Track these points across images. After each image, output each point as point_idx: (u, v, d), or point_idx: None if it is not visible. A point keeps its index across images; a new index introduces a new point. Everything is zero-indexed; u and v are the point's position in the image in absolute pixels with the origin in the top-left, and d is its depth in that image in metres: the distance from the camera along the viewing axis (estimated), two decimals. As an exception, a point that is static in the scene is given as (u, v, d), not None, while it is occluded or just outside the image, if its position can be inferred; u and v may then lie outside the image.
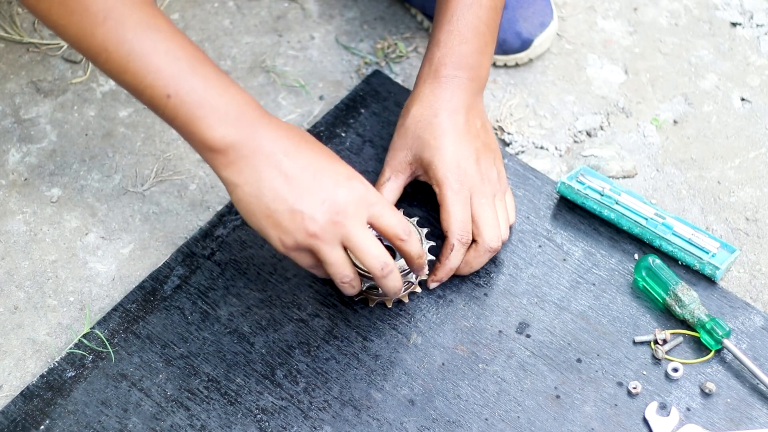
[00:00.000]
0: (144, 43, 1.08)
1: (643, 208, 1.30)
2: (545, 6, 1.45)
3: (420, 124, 1.25)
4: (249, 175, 1.10)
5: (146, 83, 1.09)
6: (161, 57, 1.08)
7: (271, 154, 1.10)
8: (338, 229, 1.11)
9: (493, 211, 1.24)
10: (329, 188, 1.10)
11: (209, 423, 1.18)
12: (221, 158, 1.11)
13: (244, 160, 1.10)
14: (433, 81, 1.27)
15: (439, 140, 1.24)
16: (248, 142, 1.10)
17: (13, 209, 1.36)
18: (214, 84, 1.10)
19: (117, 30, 1.07)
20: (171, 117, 1.10)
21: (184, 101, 1.09)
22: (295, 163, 1.11)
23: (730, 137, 1.41)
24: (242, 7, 1.53)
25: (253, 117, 1.11)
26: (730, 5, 1.52)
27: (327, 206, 1.10)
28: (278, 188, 1.10)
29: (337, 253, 1.12)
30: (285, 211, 1.10)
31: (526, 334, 1.24)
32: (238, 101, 1.11)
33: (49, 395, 1.20)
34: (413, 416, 1.18)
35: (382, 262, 1.13)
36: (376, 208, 1.12)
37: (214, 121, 1.09)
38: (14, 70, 1.47)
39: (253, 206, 1.11)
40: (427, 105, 1.26)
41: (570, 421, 1.18)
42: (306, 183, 1.10)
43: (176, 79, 1.08)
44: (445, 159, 1.23)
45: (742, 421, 1.18)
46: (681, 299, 1.22)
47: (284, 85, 1.46)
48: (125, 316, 1.25)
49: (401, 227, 1.14)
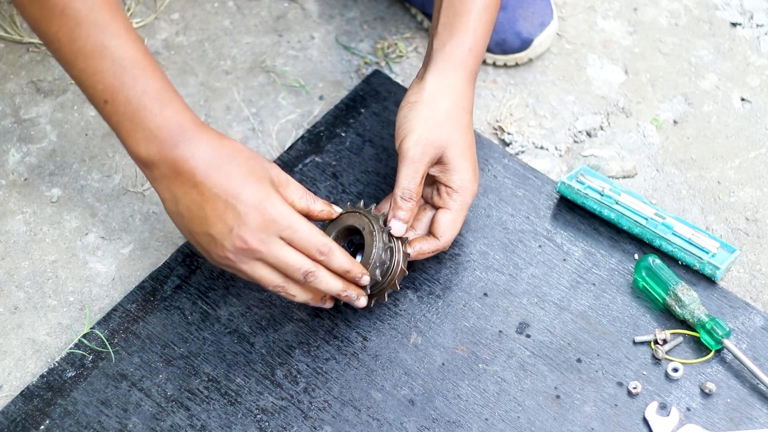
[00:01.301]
0: (95, 44, 1.09)
1: (643, 208, 1.30)
2: (545, 6, 1.45)
3: (445, 122, 1.23)
4: (170, 194, 1.13)
5: (88, 83, 1.11)
6: (107, 62, 1.10)
7: (190, 175, 1.12)
8: (249, 254, 1.13)
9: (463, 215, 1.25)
10: (239, 216, 1.12)
11: (209, 423, 1.18)
12: (147, 172, 1.14)
13: (165, 178, 1.13)
14: (450, 69, 1.25)
15: (466, 147, 1.24)
16: (171, 163, 1.12)
17: (13, 209, 1.36)
18: (152, 99, 1.11)
19: (71, 25, 1.09)
20: (106, 120, 1.13)
21: (118, 111, 1.11)
22: (211, 186, 1.12)
23: (730, 137, 1.41)
24: (242, 7, 1.53)
25: (183, 137, 1.12)
26: (730, 5, 1.52)
27: (235, 234, 1.12)
28: (193, 211, 1.13)
29: (258, 270, 1.14)
30: (199, 233, 1.13)
31: (526, 334, 1.24)
32: (170, 121, 1.12)
33: (49, 395, 1.20)
34: (413, 416, 1.18)
35: (302, 273, 1.14)
36: (286, 233, 1.13)
37: (141, 138, 1.12)
38: (14, 70, 1.47)
39: (176, 220, 1.15)
40: (449, 98, 1.24)
41: (570, 421, 1.18)
42: (219, 208, 1.12)
43: (115, 88, 1.11)
44: (467, 170, 1.23)
45: (742, 421, 1.18)
46: (681, 299, 1.22)
47: (284, 85, 1.46)
48: (125, 316, 1.25)
49: (316, 248, 1.14)
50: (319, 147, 1.38)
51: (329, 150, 1.37)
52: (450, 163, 1.23)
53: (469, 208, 1.27)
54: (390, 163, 1.36)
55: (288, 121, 1.43)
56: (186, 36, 1.50)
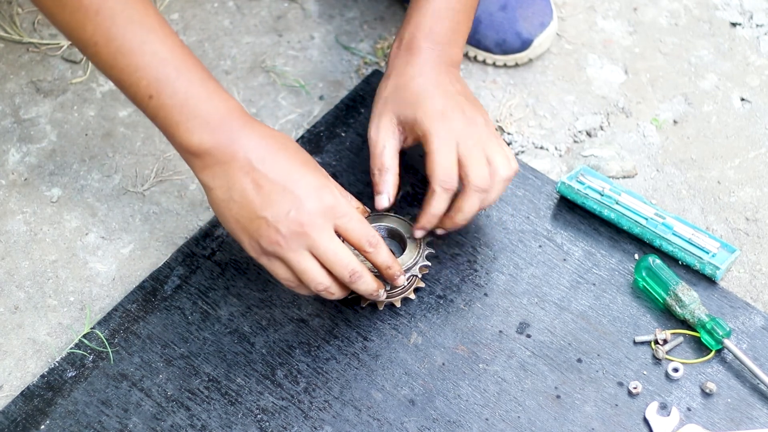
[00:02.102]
0: (133, 41, 1.09)
1: (643, 208, 1.30)
2: (545, 6, 1.45)
3: (398, 90, 1.25)
4: (222, 180, 1.13)
5: (131, 81, 1.11)
6: (147, 57, 1.10)
7: (245, 161, 1.12)
8: (302, 239, 1.12)
9: (480, 152, 1.21)
10: (297, 199, 1.12)
11: (210, 423, 1.18)
12: (198, 161, 1.13)
13: (218, 165, 1.12)
14: (405, 54, 1.27)
15: (419, 96, 1.24)
16: (224, 149, 1.12)
17: (13, 209, 1.35)
18: (197, 89, 1.11)
19: (107, 25, 1.08)
20: (152, 116, 1.13)
21: (165, 104, 1.11)
22: (267, 172, 1.12)
23: (730, 137, 1.41)
24: (242, 7, 1.53)
25: (233, 124, 1.12)
26: (730, 5, 1.52)
27: (292, 216, 1.11)
28: (247, 195, 1.12)
29: (305, 261, 1.14)
30: (251, 217, 1.12)
31: (526, 334, 1.24)
32: (220, 108, 1.12)
33: (49, 395, 1.20)
34: (413, 416, 1.18)
35: (349, 271, 1.14)
36: (343, 220, 1.14)
37: (192, 127, 1.11)
38: (14, 70, 1.47)
39: (224, 210, 1.14)
40: (401, 73, 1.26)
41: (570, 421, 1.18)
42: (275, 192, 1.12)
43: (159, 81, 1.10)
44: (428, 111, 1.22)
45: (742, 421, 1.18)
46: (681, 299, 1.22)
47: (284, 85, 1.46)
48: (125, 316, 1.25)
49: (366, 238, 1.15)
50: (319, 147, 1.38)
51: (329, 150, 1.37)
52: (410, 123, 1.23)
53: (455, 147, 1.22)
54: (390, 163, 1.36)
55: (288, 121, 1.43)
56: (186, 36, 1.50)
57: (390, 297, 1.24)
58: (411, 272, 1.22)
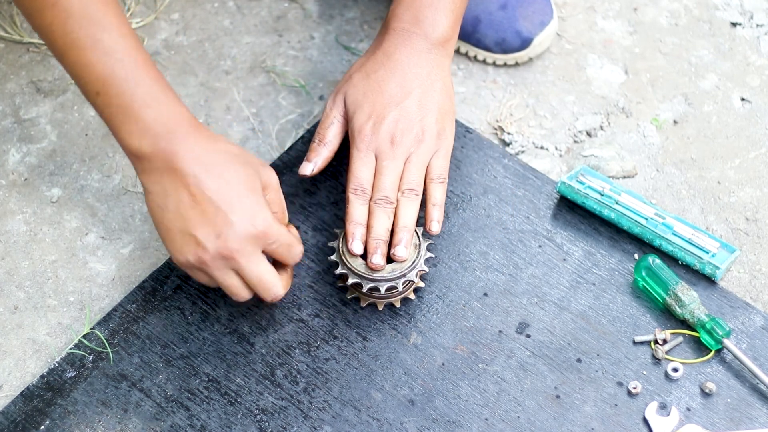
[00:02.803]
0: (86, 37, 1.10)
1: (643, 208, 1.30)
2: (545, 5, 1.45)
3: (359, 75, 1.28)
4: (159, 187, 1.13)
5: (80, 75, 1.12)
6: (98, 54, 1.10)
7: (183, 174, 1.12)
8: (229, 262, 1.14)
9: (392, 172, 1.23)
10: (229, 222, 1.13)
11: (209, 423, 1.18)
12: (137, 164, 1.14)
13: (157, 172, 1.13)
14: (382, 33, 1.29)
15: (364, 96, 1.26)
16: (163, 158, 1.12)
17: (13, 209, 1.36)
18: (143, 93, 1.12)
19: (63, 17, 1.09)
20: (99, 112, 1.14)
21: (110, 103, 1.12)
22: (204, 189, 1.12)
23: (730, 137, 1.41)
24: (242, 7, 1.53)
25: (177, 133, 1.13)
26: (730, 5, 1.52)
27: (222, 240, 1.13)
28: (181, 208, 1.13)
29: (228, 279, 1.16)
30: (182, 232, 1.14)
31: (526, 334, 1.24)
32: (164, 115, 1.12)
33: (49, 395, 1.20)
34: (413, 416, 1.18)
35: (271, 295, 1.17)
36: (272, 246, 1.16)
37: (133, 131, 1.12)
38: (14, 70, 1.47)
39: (157, 215, 1.15)
40: (371, 56, 1.28)
41: (570, 421, 1.18)
42: (209, 211, 1.12)
43: (107, 80, 1.11)
44: (360, 118, 1.25)
45: (742, 421, 1.18)
46: (681, 299, 1.22)
47: (284, 85, 1.46)
48: (125, 316, 1.25)
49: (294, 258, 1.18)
50: (319, 147, 1.38)
51: (329, 150, 1.37)
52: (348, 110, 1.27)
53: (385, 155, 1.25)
54: (390, 163, 1.36)
55: (288, 121, 1.43)
56: (186, 36, 1.50)
57: (389, 297, 1.24)
58: (408, 276, 1.22)
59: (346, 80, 1.29)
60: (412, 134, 1.24)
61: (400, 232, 1.21)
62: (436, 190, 1.24)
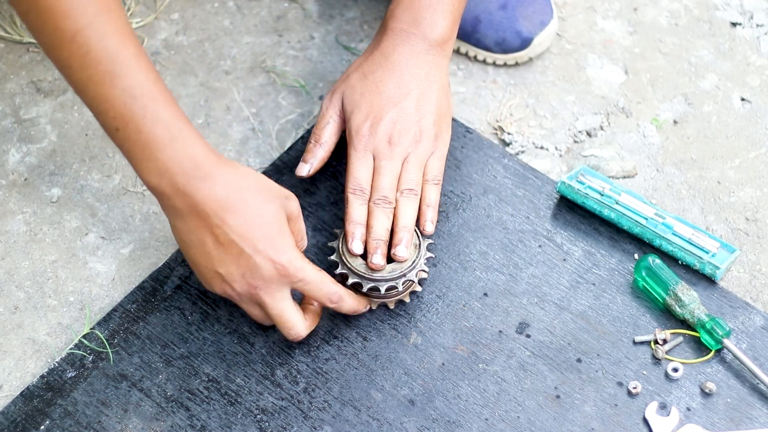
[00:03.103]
0: (105, 73, 1.08)
1: (643, 207, 1.30)
2: (545, 5, 1.45)
3: (357, 75, 1.28)
4: (182, 224, 1.14)
5: (100, 110, 1.10)
6: (118, 91, 1.09)
7: (205, 215, 1.12)
8: (254, 299, 1.16)
9: (390, 172, 1.24)
10: (253, 264, 1.13)
11: (209, 423, 1.18)
12: (158, 198, 1.14)
13: (177, 210, 1.13)
14: (380, 34, 1.30)
15: (361, 96, 1.26)
16: (183, 198, 1.12)
17: (13, 209, 1.36)
18: (163, 131, 1.10)
19: (82, 53, 1.07)
20: (118, 145, 1.13)
21: (129, 138, 1.11)
22: (226, 231, 1.12)
23: (730, 137, 1.41)
24: (242, 7, 1.53)
25: (197, 173, 1.11)
26: (730, 5, 1.52)
27: (246, 279, 1.14)
28: (205, 247, 1.14)
29: (254, 311, 1.18)
30: (207, 269, 1.15)
31: (526, 334, 1.24)
32: (181, 155, 1.11)
33: (49, 395, 1.20)
34: (413, 416, 1.18)
35: (292, 335, 1.18)
36: (299, 284, 1.16)
37: (152, 168, 1.11)
38: (14, 70, 1.47)
39: (182, 245, 1.16)
40: (369, 56, 1.29)
41: (570, 421, 1.18)
42: (232, 252, 1.13)
43: (125, 117, 1.09)
44: (357, 119, 1.26)
45: (742, 421, 1.18)
46: (681, 299, 1.22)
47: (284, 85, 1.46)
48: (125, 316, 1.25)
49: (327, 297, 1.18)
50: (319, 147, 1.38)
51: (329, 150, 1.37)
52: (345, 110, 1.28)
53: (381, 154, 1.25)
54: (390, 163, 1.36)
55: (288, 121, 1.43)
56: (186, 36, 1.50)
57: (386, 298, 1.24)
58: (408, 276, 1.22)
59: (343, 80, 1.29)
60: (410, 135, 1.24)
61: (400, 232, 1.21)
62: (430, 191, 1.25)
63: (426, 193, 1.24)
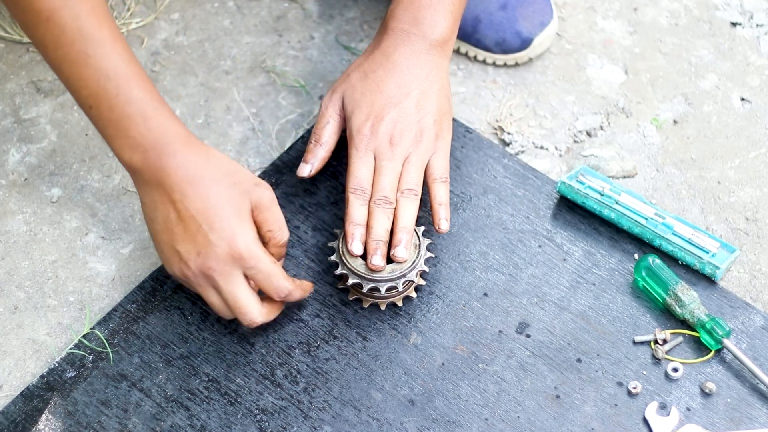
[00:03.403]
0: (79, 52, 1.11)
1: (643, 207, 1.30)
2: (545, 5, 1.45)
3: (357, 75, 1.28)
4: (149, 199, 1.16)
5: (73, 88, 1.14)
6: (91, 70, 1.12)
7: (170, 190, 1.14)
8: (208, 280, 1.16)
9: (391, 172, 1.24)
10: (209, 242, 1.14)
11: (209, 423, 1.18)
12: (131, 175, 1.17)
13: (148, 185, 1.16)
14: (380, 34, 1.30)
15: (362, 95, 1.27)
16: (153, 173, 1.15)
17: (13, 209, 1.36)
18: (135, 109, 1.13)
19: (56, 33, 1.11)
20: (92, 123, 1.16)
21: (102, 116, 1.14)
22: (188, 207, 1.14)
23: (730, 137, 1.41)
24: (242, 7, 1.53)
25: (166, 149, 1.14)
26: (730, 5, 1.52)
27: (201, 258, 1.15)
28: (168, 223, 1.15)
29: (211, 296, 1.18)
30: (167, 246, 1.16)
31: (526, 334, 1.24)
32: (154, 131, 1.14)
33: (49, 395, 1.20)
34: (413, 416, 1.18)
35: (247, 320, 1.18)
36: (251, 271, 1.16)
37: (125, 145, 1.14)
38: (14, 70, 1.47)
39: (149, 226, 1.19)
40: (369, 56, 1.29)
41: (570, 421, 1.18)
42: (191, 229, 1.14)
43: (99, 95, 1.13)
44: (358, 118, 1.26)
45: (742, 421, 1.18)
46: (681, 299, 1.22)
47: (284, 85, 1.46)
48: (125, 316, 1.25)
49: (276, 290, 1.18)
50: (319, 147, 1.38)
51: (329, 150, 1.37)
52: (345, 109, 1.28)
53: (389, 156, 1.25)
54: (390, 163, 1.36)
55: (288, 121, 1.43)
56: (186, 36, 1.50)
57: (388, 298, 1.24)
58: (408, 277, 1.22)
59: (343, 79, 1.29)
60: (411, 135, 1.24)
61: (400, 232, 1.21)
62: (440, 189, 1.24)
63: (436, 192, 1.24)
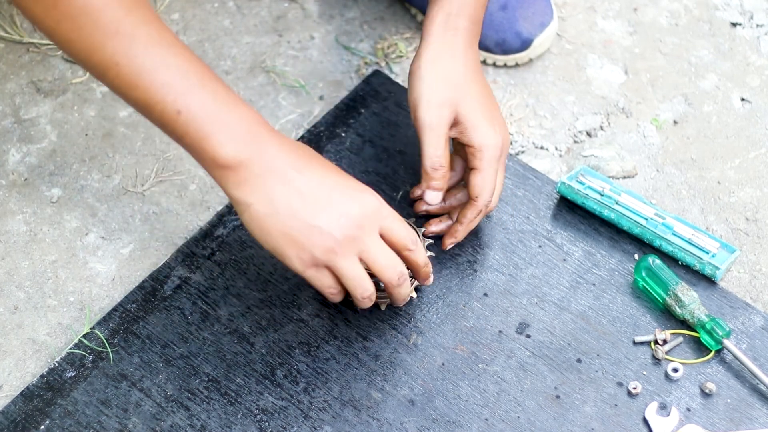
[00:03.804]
0: (154, 58, 1.06)
1: (643, 208, 1.30)
2: (545, 6, 1.45)
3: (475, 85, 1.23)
4: (262, 193, 1.10)
5: (157, 99, 1.07)
6: (171, 72, 1.07)
7: (283, 171, 1.10)
8: (355, 244, 1.11)
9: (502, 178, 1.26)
10: (344, 203, 1.11)
11: (209, 423, 1.18)
12: (232, 176, 1.10)
13: (256, 178, 1.09)
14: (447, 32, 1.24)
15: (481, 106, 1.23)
16: (259, 160, 1.09)
17: (13, 209, 1.36)
18: (223, 100, 1.09)
19: (127, 44, 1.05)
20: (181, 134, 1.09)
21: (195, 117, 1.08)
22: (307, 180, 1.10)
23: (730, 137, 1.41)
24: (242, 7, 1.53)
25: (262, 134, 1.10)
26: (730, 5, 1.52)
27: (344, 221, 1.10)
28: (294, 205, 1.10)
29: (356, 268, 1.13)
30: (302, 228, 1.10)
31: (526, 334, 1.24)
32: (247, 118, 1.10)
33: (49, 395, 1.20)
34: (413, 416, 1.18)
35: (398, 273, 1.14)
36: (387, 221, 1.13)
37: (224, 138, 1.08)
38: (14, 70, 1.47)
39: (268, 225, 1.11)
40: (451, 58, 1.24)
41: (570, 422, 1.18)
42: (321, 199, 1.10)
43: (186, 95, 1.07)
44: (488, 132, 1.22)
45: (742, 421, 1.18)
46: (681, 299, 1.22)
47: (284, 85, 1.46)
48: (125, 316, 1.25)
49: (410, 238, 1.15)
50: (319, 147, 1.38)
51: (329, 150, 1.37)
52: (464, 121, 1.22)
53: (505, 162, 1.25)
54: (390, 164, 1.36)
55: (288, 121, 1.43)
56: (186, 36, 1.50)
57: (384, 298, 1.23)
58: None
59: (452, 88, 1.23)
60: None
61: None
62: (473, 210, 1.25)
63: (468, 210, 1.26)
